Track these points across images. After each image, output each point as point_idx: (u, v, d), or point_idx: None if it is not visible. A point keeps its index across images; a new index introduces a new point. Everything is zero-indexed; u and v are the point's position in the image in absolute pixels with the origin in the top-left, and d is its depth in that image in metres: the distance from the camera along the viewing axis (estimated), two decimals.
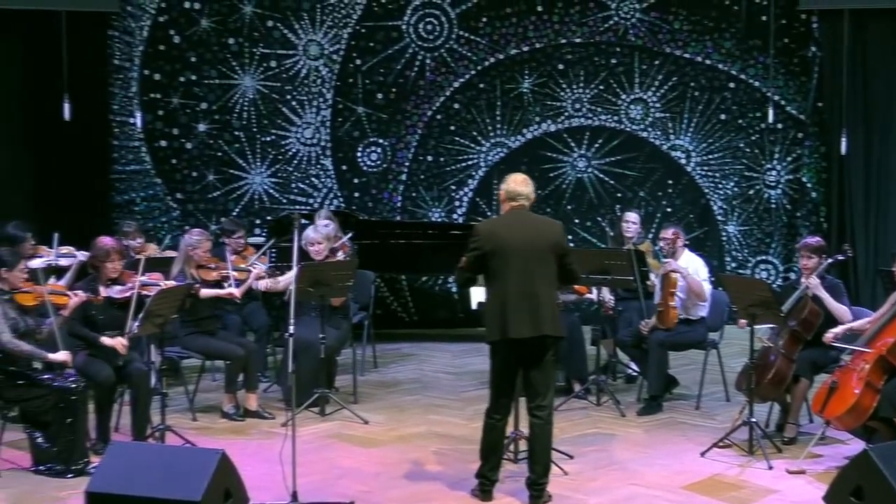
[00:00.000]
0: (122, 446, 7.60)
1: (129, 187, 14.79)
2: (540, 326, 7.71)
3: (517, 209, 7.94)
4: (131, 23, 14.62)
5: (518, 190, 7.94)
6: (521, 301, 7.69)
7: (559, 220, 8.18)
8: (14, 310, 8.63)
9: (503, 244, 7.74)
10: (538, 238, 7.80)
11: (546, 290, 7.79)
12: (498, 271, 7.76)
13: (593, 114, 15.00)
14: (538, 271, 7.76)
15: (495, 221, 8.30)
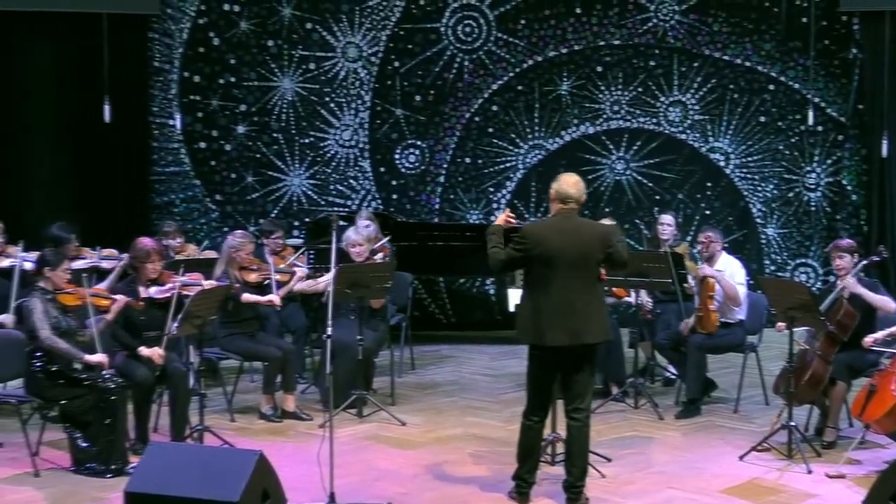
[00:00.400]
0: (161, 447, 7.62)
1: (169, 189, 14.86)
2: (579, 335, 7.68)
3: (566, 213, 7.87)
4: (171, 25, 14.69)
5: (569, 192, 7.87)
6: (561, 309, 7.65)
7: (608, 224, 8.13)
8: (56, 309, 8.69)
9: (549, 249, 7.68)
10: (585, 245, 7.74)
11: (588, 298, 7.74)
12: (540, 276, 7.72)
13: (632, 116, 14.95)
14: (582, 278, 7.71)
15: (543, 225, 8.21)
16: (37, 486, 8.32)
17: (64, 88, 14.47)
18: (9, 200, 13.75)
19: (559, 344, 7.67)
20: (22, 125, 14.36)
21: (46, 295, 8.72)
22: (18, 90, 14.35)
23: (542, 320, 7.69)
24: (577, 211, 7.91)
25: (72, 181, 14.48)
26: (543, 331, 7.69)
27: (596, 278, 7.82)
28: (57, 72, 14.49)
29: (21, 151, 14.34)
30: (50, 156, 14.47)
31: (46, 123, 14.47)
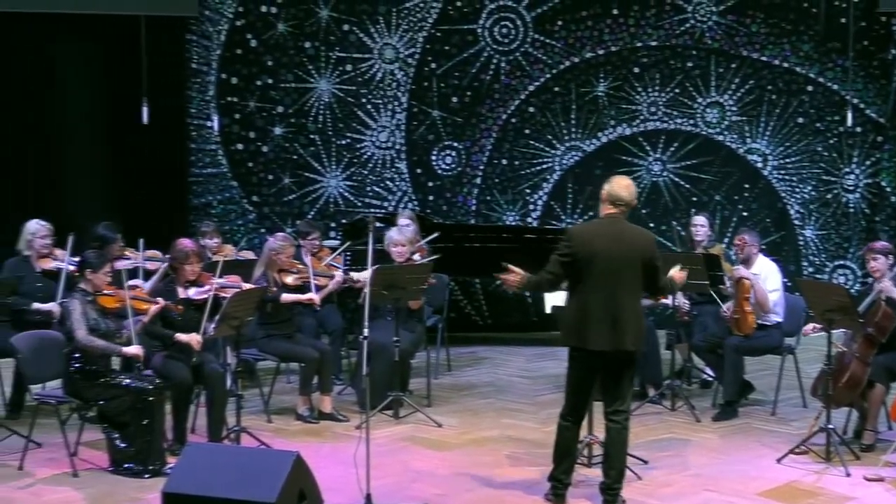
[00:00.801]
0: (198, 447, 7.66)
1: (206, 190, 14.92)
2: (621, 340, 7.67)
3: (613, 216, 7.84)
4: (209, 27, 14.74)
5: (620, 195, 7.83)
6: (604, 313, 7.64)
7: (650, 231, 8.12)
8: (95, 311, 8.73)
9: (594, 253, 7.66)
10: (629, 250, 7.72)
11: (631, 304, 7.73)
12: (584, 279, 7.70)
13: (669, 117, 14.92)
14: (625, 284, 7.69)
15: (589, 228, 8.16)
16: (75, 487, 8.37)
17: (102, 90, 14.57)
18: (49, 202, 13.82)
19: (601, 348, 7.66)
20: (62, 127, 14.45)
21: (87, 296, 8.77)
22: (59, 92, 14.43)
23: (584, 323, 7.68)
24: (625, 215, 7.89)
25: (110, 183, 14.57)
26: (586, 334, 7.68)
27: (638, 285, 7.80)
28: (96, 74, 14.59)
29: (61, 153, 14.44)
30: (89, 157, 14.57)
31: (86, 125, 14.56)
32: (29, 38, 14.15)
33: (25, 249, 10.44)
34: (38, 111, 14.32)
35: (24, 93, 14.23)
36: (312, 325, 11.24)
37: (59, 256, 10.45)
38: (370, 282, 8.79)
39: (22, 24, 13.98)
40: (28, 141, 14.29)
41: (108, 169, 14.63)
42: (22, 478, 8.58)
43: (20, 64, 14.22)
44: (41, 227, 10.47)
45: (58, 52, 14.40)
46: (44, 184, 14.26)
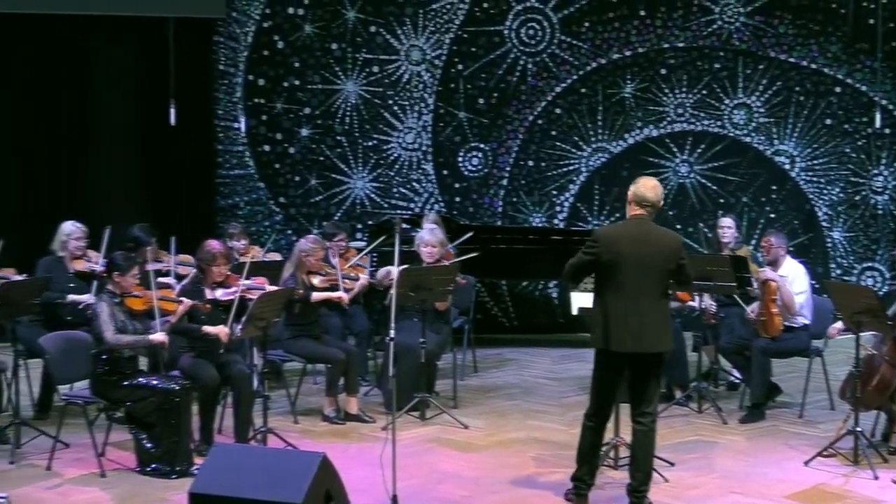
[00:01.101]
0: (225, 448, 7.67)
1: (233, 191, 14.96)
2: (646, 342, 7.66)
3: (640, 217, 7.82)
4: (236, 28, 14.78)
5: (647, 196, 7.81)
6: (629, 315, 7.63)
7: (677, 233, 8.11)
8: (122, 313, 8.76)
9: (620, 254, 7.65)
10: (656, 252, 7.70)
11: (656, 305, 7.72)
12: (610, 281, 7.69)
13: (696, 119, 14.88)
14: (651, 285, 7.68)
15: (616, 229, 8.14)
16: (102, 487, 8.39)
17: (132, 92, 14.64)
18: (80, 202, 13.91)
19: (625, 350, 7.65)
20: (93, 128, 14.53)
21: (114, 298, 8.80)
22: (90, 93, 14.51)
23: (610, 324, 7.67)
24: (652, 216, 7.87)
25: (139, 183, 14.65)
26: (611, 335, 7.67)
27: (664, 287, 7.78)
28: (125, 75, 14.67)
29: (92, 153, 14.51)
30: (118, 158, 14.65)
31: (115, 126, 14.65)
32: (60, 38, 14.24)
33: (59, 250, 10.48)
34: (69, 112, 14.40)
35: (55, 93, 14.33)
36: (339, 327, 11.25)
37: (92, 258, 10.49)
38: (396, 283, 8.79)
39: (53, 26, 14.05)
40: (60, 141, 14.38)
41: (136, 170, 14.71)
42: (50, 478, 8.61)
43: (52, 64, 14.30)
44: (76, 229, 10.52)
45: (89, 53, 14.50)
46: (75, 184, 14.35)
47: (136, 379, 8.70)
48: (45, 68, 14.30)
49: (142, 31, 14.31)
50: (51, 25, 14.07)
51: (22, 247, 12.89)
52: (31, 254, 10.96)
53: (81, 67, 14.46)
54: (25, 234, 13.48)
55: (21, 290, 9.45)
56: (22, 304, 9.43)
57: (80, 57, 14.45)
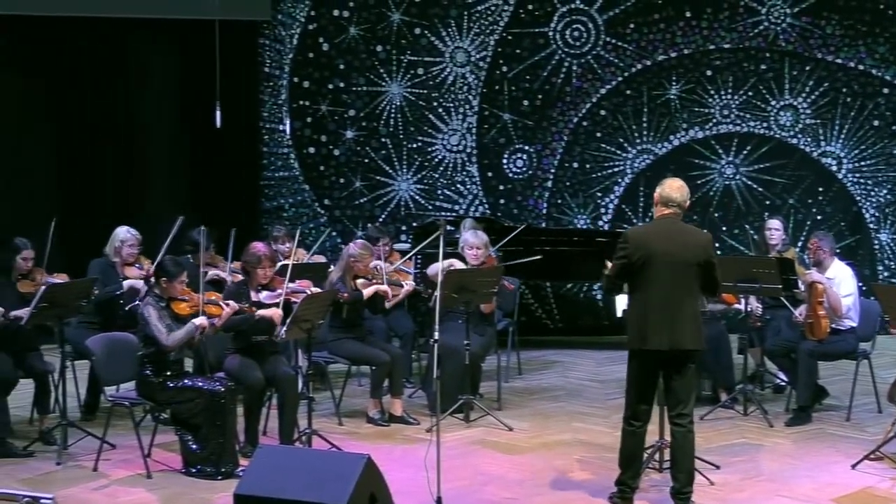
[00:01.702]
0: (270, 450, 7.69)
1: (278, 193, 15.01)
2: (679, 340, 7.65)
3: (668, 217, 7.84)
4: (281, 31, 14.84)
5: (672, 196, 7.84)
6: (663, 313, 7.63)
7: (706, 230, 8.10)
8: (169, 317, 8.80)
9: (650, 254, 7.66)
10: (685, 250, 7.71)
11: (689, 303, 7.72)
12: (643, 281, 7.70)
13: (742, 120, 14.82)
14: (682, 283, 7.68)
15: (644, 229, 8.20)
16: (148, 488, 8.44)
17: (176, 94, 14.74)
18: (126, 203, 14.00)
19: (659, 348, 7.65)
20: (140, 130, 14.64)
21: (160, 302, 8.84)
22: (137, 96, 14.62)
23: (644, 324, 7.68)
24: (679, 216, 7.87)
25: (184, 186, 14.74)
26: (646, 335, 7.67)
27: (694, 285, 7.77)
28: (171, 78, 14.78)
29: (135, 157, 14.61)
30: (164, 161, 14.75)
31: (160, 129, 14.75)
32: (107, 42, 14.33)
33: (113, 255, 10.53)
34: (116, 115, 14.51)
35: (103, 96, 14.43)
36: (383, 329, 11.27)
37: (144, 266, 10.54)
38: (440, 285, 8.80)
39: (100, 28, 14.16)
40: (107, 144, 14.47)
41: (182, 172, 14.80)
42: (97, 479, 8.66)
43: (100, 67, 14.41)
44: (131, 237, 10.56)
45: (135, 56, 14.58)
46: (120, 186, 14.42)
47: (181, 380, 8.74)
48: (92, 71, 14.42)
49: (187, 33, 14.39)
50: (97, 28, 14.18)
51: (66, 249, 13.01)
52: (75, 256, 11.04)
53: (128, 70, 14.56)
54: (69, 237, 13.58)
55: (68, 291, 9.51)
56: (69, 305, 9.49)
57: (127, 60, 14.55)
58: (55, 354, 9.84)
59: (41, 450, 9.32)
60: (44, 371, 9.74)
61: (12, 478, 8.61)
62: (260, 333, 9.24)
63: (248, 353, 9.23)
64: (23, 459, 9.09)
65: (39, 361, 9.76)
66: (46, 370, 9.76)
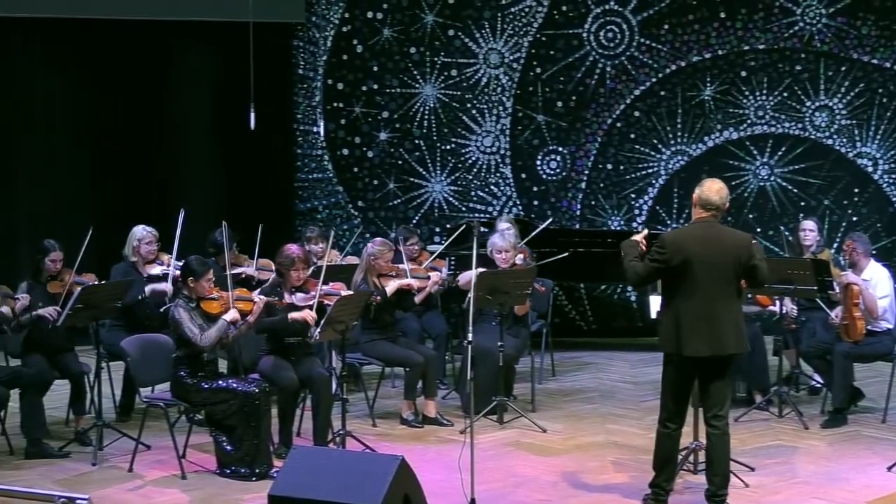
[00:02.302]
0: (304, 451, 7.72)
1: (312, 195, 15.04)
2: (721, 345, 7.62)
3: (707, 220, 7.80)
4: (315, 33, 14.87)
5: (711, 199, 7.78)
6: (701, 318, 7.60)
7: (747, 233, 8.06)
8: (200, 317, 8.84)
9: (689, 258, 7.61)
10: (725, 253, 7.67)
11: (729, 307, 7.69)
12: (681, 285, 7.66)
13: (776, 121, 14.75)
14: (723, 288, 7.65)
15: (683, 233, 8.12)
16: (183, 489, 8.47)
17: (210, 96, 14.80)
18: (160, 206, 14.04)
19: (699, 354, 7.61)
20: (175, 131, 14.70)
21: (190, 303, 8.87)
22: (168, 98, 14.66)
23: (682, 329, 7.63)
24: (718, 219, 7.83)
25: (220, 188, 14.79)
26: (683, 340, 7.62)
27: (736, 288, 7.74)
28: (206, 80, 14.84)
29: (170, 157, 14.67)
30: (198, 162, 14.81)
31: (194, 130, 14.80)
32: (142, 43, 14.39)
33: (131, 255, 10.58)
34: (152, 117, 14.56)
35: (136, 97, 14.49)
36: (417, 330, 11.28)
37: (165, 262, 10.57)
38: (474, 286, 8.80)
39: (135, 30, 14.22)
40: (142, 146, 14.53)
41: (216, 174, 14.86)
42: (132, 479, 8.71)
43: (133, 68, 14.48)
44: (147, 234, 10.61)
45: (170, 58, 14.66)
46: (154, 187, 14.49)
47: (216, 382, 8.77)
48: (126, 72, 14.48)
49: (222, 35, 14.44)
50: (132, 30, 14.24)
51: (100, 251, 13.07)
52: (109, 259, 11.10)
53: (162, 72, 14.62)
54: (104, 237, 13.64)
55: (103, 293, 9.55)
56: (104, 307, 9.54)
57: (162, 61, 14.61)
58: (90, 356, 9.91)
59: (77, 450, 9.38)
60: (79, 372, 9.80)
61: (48, 478, 8.67)
62: (294, 335, 9.27)
63: (282, 354, 9.26)
64: (59, 460, 9.16)
65: (75, 362, 9.83)
66: (82, 371, 9.82)
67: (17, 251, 13.61)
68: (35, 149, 14.26)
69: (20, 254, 13.48)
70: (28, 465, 9.05)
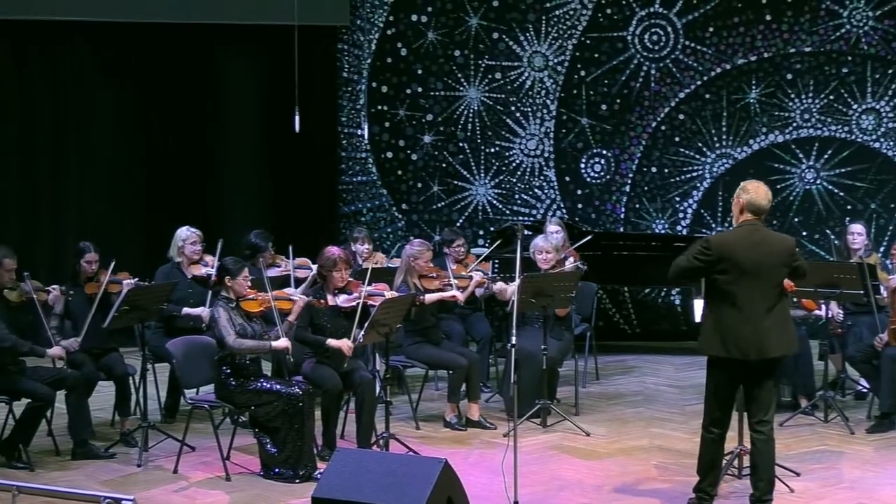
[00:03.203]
0: (348, 453, 7.72)
1: (356, 198, 15.08)
2: (764, 348, 7.60)
3: (752, 223, 7.77)
4: (360, 36, 14.91)
5: (762, 205, 7.75)
6: (747, 321, 7.57)
7: (791, 236, 8.04)
8: (240, 316, 8.88)
9: (734, 261, 7.59)
10: (770, 257, 7.65)
11: (776, 309, 7.66)
12: (726, 288, 7.62)
13: (822, 124, 14.67)
14: (768, 291, 7.62)
15: (728, 236, 8.06)
16: (227, 490, 8.51)
17: (255, 99, 14.86)
18: (205, 207, 14.13)
19: (744, 357, 7.58)
20: (220, 133, 14.77)
21: (230, 303, 8.91)
22: (213, 101, 14.73)
23: (726, 332, 7.61)
24: (762, 221, 7.80)
25: (265, 190, 14.86)
26: (728, 343, 7.60)
27: (781, 291, 7.71)
28: (251, 82, 14.91)
29: (216, 160, 14.74)
30: (243, 165, 14.88)
31: (239, 133, 14.86)
32: (188, 46, 14.48)
33: (176, 256, 10.64)
34: (195, 119, 14.63)
35: (182, 100, 14.58)
36: (460, 333, 11.28)
37: (209, 263, 10.63)
38: (518, 290, 8.79)
39: (181, 34, 14.31)
40: (188, 147, 14.61)
41: (261, 176, 14.92)
42: (176, 481, 8.75)
43: (179, 72, 14.57)
44: (192, 234, 10.67)
45: (215, 61, 14.72)
46: (201, 189, 14.56)
47: (260, 384, 8.80)
48: (172, 76, 14.57)
49: (267, 38, 14.51)
50: (179, 33, 14.32)
51: (146, 251, 13.18)
52: (157, 259, 11.17)
53: (208, 75, 14.69)
54: (150, 239, 13.76)
55: (149, 295, 9.61)
56: (150, 309, 9.59)
57: (207, 64, 14.69)
58: (135, 357, 9.97)
59: (122, 451, 9.44)
60: (124, 373, 9.86)
61: (94, 479, 8.73)
62: (327, 358, 9.26)
63: (325, 357, 9.28)
64: (104, 461, 9.21)
65: (120, 364, 9.88)
66: (127, 372, 9.88)
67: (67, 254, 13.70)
68: (83, 152, 14.36)
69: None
70: (74, 466, 9.11)
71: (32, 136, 14.24)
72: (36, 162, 14.25)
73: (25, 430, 9.13)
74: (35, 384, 9.06)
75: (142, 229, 14.33)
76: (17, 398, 9.14)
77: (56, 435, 9.54)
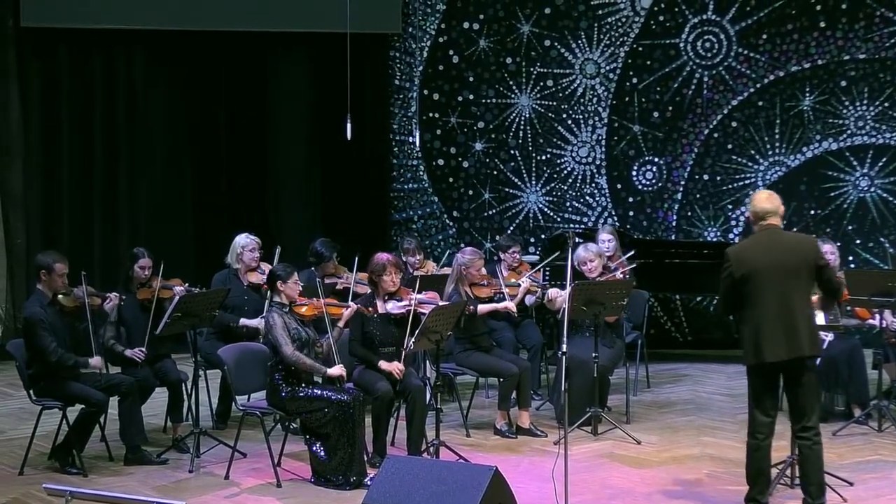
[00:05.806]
0: (398, 460, 7.73)
1: (408, 205, 15.11)
2: (797, 348, 7.62)
3: (767, 228, 7.82)
4: (412, 44, 14.94)
5: (765, 208, 7.83)
6: (777, 323, 7.61)
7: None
8: (294, 321, 8.92)
9: (754, 267, 7.65)
10: (791, 256, 7.69)
11: (802, 309, 7.71)
12: (751, 295, 7.68)
13: (877, 132, 14.56)
14: (792, 291, 7.66)
15: (745, 244, 8.16)
16: (278, 497, 8.53)
17: (307, 106, 14.93)
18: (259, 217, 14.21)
19: (778, 359, 7.62)
20: (273, 140, 14.84)
21: (283, 309, 8.96)
22: (266, 108, 14.81)
23: (759, 337, 7.65)
24: (778, 224, 7.85)
25: (316, 198, 14.93)
26: (762, 347, 7.64)
27: (806, 291, 7.74)
28: (303, 90, 14.97)
29: (268, 167, 14.82)
30: (295, 173, 14.96)
31: (291, 140, 14.95)
32: (240, 54, 14.57)
33: (234, 263, 10.70)
34: (251, 127, 14.72)
35: (234, 107, 14.67)
36: (511, 340, 11.26)
37: (266, 270, 10.67)
38: (569, 297, 8.78)
39: (234, 42, 14.41)
40: (241, 155, 14.69)
41: (312, 184, 14.98)
42: (228, 487, 8.79)
43: (232, 79, 14.66)
44: (250, 241, 10.73)
45: (267, 68, 14.80)
46: (254, 196, 14.65)
47: (311, 390, 8.83)
48: (225, 83, 14.66)
49: (319, 46, 14.57)
50: (231, 41, 14.42)
51: (199, 258, 13.26)
52: (208, 266, 11.23)
53: (260, 83, 14.77)
54: (201, 247, 13.85)
55: (201, 301, 9.66)
56: (202, 315, 9.64)
57: (260, 73, 14.77)
58: (187, 363, 10.03)
59: (174, 457, 9.48)
60: (177, 379, 9.92)
61: (146, 485, 8.78)
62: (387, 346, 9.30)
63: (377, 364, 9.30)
64: (157, 467, 9.26)
65: (173, 370, 9.94)
66: (180, 378, 9.94)
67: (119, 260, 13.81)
68: (135, 160, 14.48)
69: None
70: (127, 472, 9.17)
71: (87, 144, 14.38)
72: (91, 169, 14.38)
73: (79, 435, 9.20)
74: (89, 389, 9.13)
75: (193, 237, 14.43)
76: (70, 404, 9.20)
77: (109, 440, 9.60)
